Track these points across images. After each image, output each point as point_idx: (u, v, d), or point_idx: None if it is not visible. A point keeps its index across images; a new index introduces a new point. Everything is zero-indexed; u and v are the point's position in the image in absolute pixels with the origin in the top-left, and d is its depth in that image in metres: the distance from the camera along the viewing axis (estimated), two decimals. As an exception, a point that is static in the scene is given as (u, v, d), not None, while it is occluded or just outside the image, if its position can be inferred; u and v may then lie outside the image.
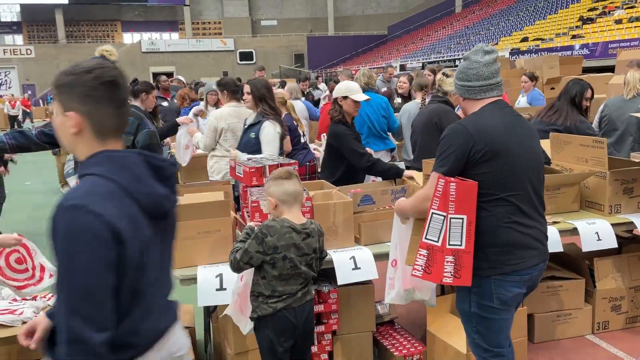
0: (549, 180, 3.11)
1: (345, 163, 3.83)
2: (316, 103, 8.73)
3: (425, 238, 2.23)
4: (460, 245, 2.16)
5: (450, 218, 2.16)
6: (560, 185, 3.51)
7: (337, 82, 11.93)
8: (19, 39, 41.53)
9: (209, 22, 43.41)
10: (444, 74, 4.32)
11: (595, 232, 3.30)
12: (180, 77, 11.04)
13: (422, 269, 2.25)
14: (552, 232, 3.13)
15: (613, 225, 3.36)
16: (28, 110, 11.65)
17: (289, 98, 5.58)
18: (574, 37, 19.11)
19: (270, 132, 3.89)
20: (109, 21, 42.58)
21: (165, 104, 7.65)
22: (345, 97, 3.78)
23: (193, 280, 2.75)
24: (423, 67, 15.38)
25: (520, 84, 7.40)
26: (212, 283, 2.71)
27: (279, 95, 5.62)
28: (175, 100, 7.74)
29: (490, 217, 2.22)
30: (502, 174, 2.20)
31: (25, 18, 41.10)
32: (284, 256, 2.33)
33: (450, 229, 2.17)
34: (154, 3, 40.95)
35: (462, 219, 2.16)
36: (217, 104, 6.25)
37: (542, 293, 3.51)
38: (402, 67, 24.40)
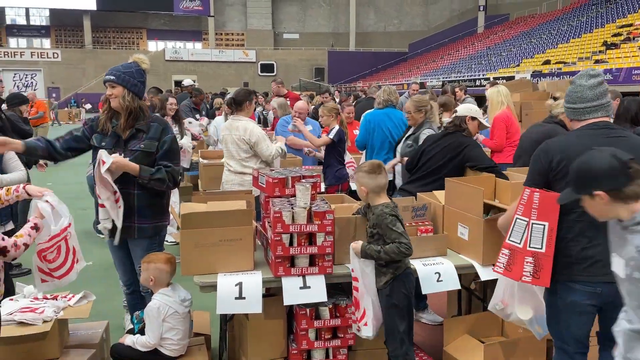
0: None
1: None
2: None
3: (509, 240, 2.45)
4: (541, 248, 2.36)
5: (532, 224, 2.37)
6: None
7: (357, 96, 11.98)
8: (46, 42, 42.54)
9: (232, 33, 44.03)
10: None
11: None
12: (191, 81, 11.21)
13: (503, 266, 2.47)
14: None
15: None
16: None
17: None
18: (597, 61, 18.97)
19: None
20: (135, 28, 43.44)
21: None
22: (473, 119, 4.01)
23: (212, 287, 2.76)
24: (443, 85, 15.37)
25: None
26: (231, 291, 2.72)
27: (332, 106, 5.58)
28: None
29: (567, 228, 2.36)
30: None
31: (53, 23, 42.13)
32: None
33: (532, 233, 2.38)
34: (180, 13, 41.70)
35: (544, 225, 2.36)
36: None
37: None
38: (422, 85, 24.39)
